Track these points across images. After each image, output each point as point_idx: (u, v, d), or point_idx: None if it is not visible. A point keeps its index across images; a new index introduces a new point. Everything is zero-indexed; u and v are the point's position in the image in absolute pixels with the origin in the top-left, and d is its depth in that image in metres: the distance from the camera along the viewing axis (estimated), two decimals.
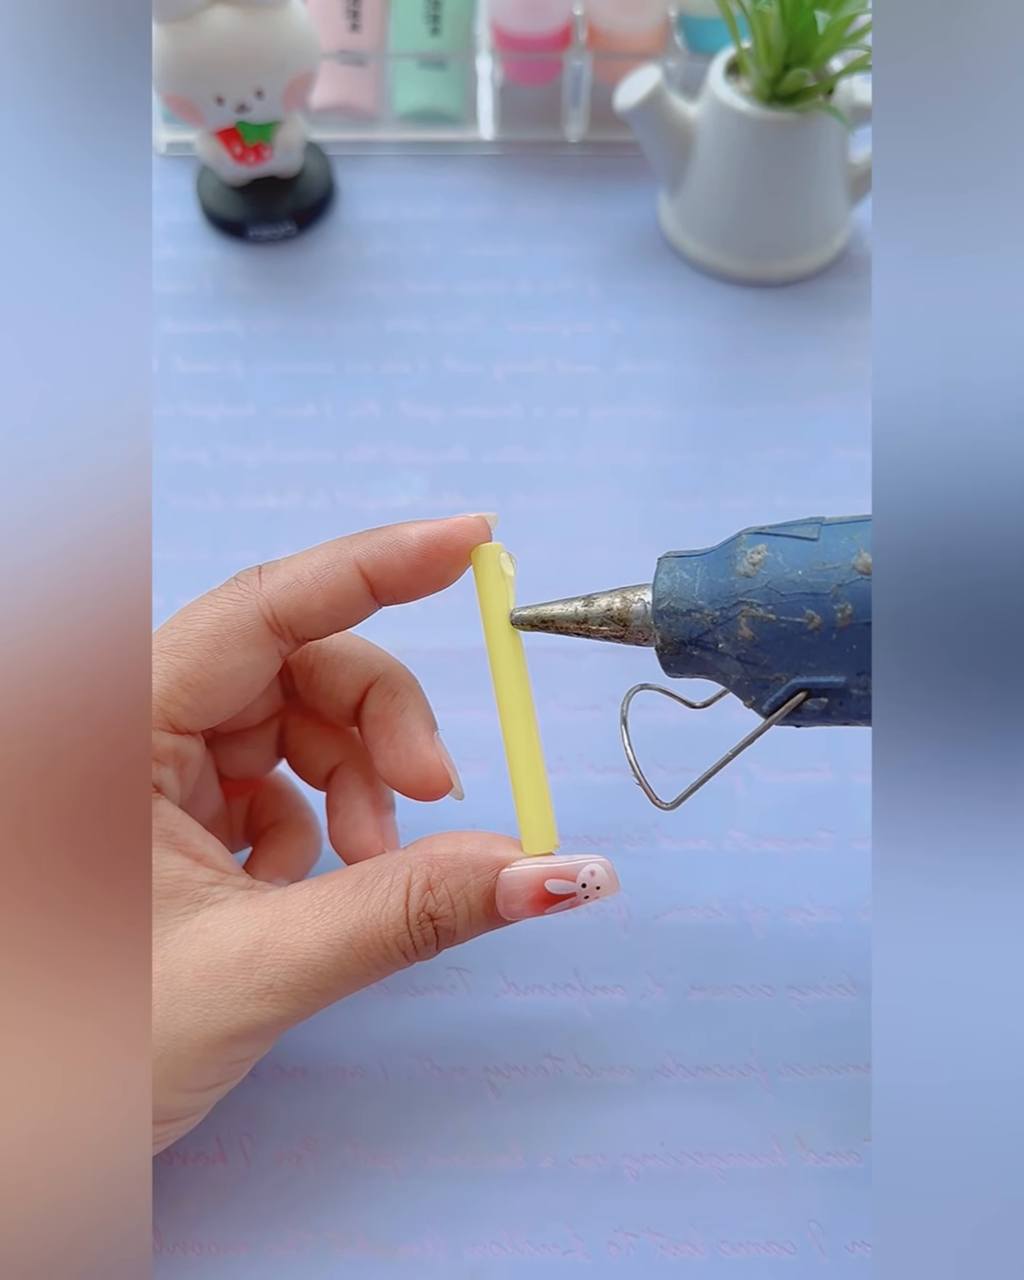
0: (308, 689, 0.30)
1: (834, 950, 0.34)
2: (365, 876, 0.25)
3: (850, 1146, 0.31)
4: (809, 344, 0.47)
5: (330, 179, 0.51)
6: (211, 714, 0.27)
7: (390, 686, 0.29)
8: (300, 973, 0.24)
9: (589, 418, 0.45)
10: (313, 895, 0.25)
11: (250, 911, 0.25)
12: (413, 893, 0.25)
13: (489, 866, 0.25)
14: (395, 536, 0.26)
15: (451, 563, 0.26)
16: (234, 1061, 0.25)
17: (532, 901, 0.25)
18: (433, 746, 0.28)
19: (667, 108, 0.45)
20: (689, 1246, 0.30)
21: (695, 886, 0.35)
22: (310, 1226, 0.30)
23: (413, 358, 0.47)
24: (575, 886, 0.25)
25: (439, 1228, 0.30)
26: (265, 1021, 0.24)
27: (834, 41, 0.42)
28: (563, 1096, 0.32)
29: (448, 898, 0.25)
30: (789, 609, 0.23)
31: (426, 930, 0.25)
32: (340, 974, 0.24)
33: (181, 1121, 0.26)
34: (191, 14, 0.42)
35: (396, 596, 0.27)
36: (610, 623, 0.25)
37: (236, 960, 0.24)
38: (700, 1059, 0.32)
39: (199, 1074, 0.25)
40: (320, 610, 0.26)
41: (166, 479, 0.43)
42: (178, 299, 0.48)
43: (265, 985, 0.24)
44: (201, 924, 0.25)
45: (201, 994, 0.24)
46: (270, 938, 0.24)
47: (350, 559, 0.26)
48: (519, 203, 0.51)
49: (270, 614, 0.26)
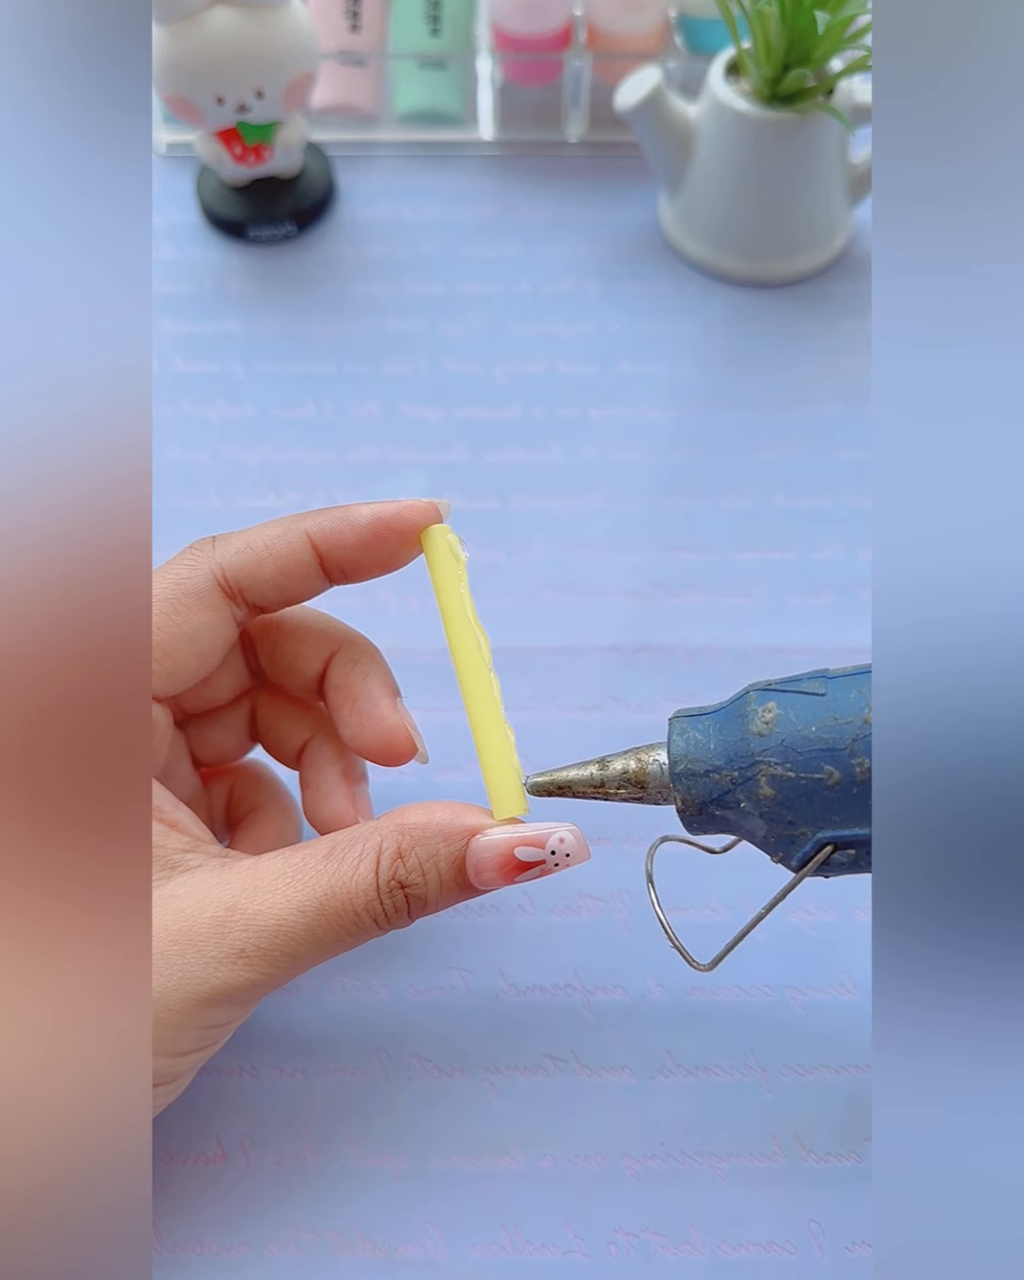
0: (272, 664, 0.30)
1: (834, 950, 0.34)
2: (337, 844, 0.25)
3: (850, 1147, 0.31)
4: (809, 345, 0.47)
5: (330, 179, 0.51)
6: (174, 676, 0.27)
7: (352, 655, 0.29)
8: (272, 937, 0.24)
9: (589, 418, 0.45)
10: (284, 863, 0.25)
11: (222, 878, 0.25)
12: (383, 860, 0.25)
13: (459, 835, 0.25)
14: (347, 513, 0.27)
15: (400, 542, 0.27)
16: (209, 1026, 0.25)
17: (501, 870, 0.25)
18: (395, 711, 0.28)
19: (667, 108, 0.45)
20: (689, 1246, 0.30)
21: (695, 886, 0.35)
22: (311, 1226, 0.30)
23: (413, 358, 0.47)
24: (545, 854, 0.25)
25: (439, 1228, 0.30)
26: (238, 985, 0.24)
27: (834, 42, 0.42)
28: (563, 1097, 0.32)
29: (418, 866, 0.25)
30: (807, 766, 0.24)
31: (397, 898, 0.25)
32: (312, 940, 0.25)
33: (162, 1088, 0.26)
34: (192, 14, 0.42)
35: (347, 573, 0.28)
36: (628, 785, 0.26)
37: (208, 924, 0.24)
38: (700, 1059, 0.32)
39: (176, 1038, 0.25)
40: (270, 577, 0.27)
41: (166, 479, 0.43)
42: (178, 299, 0.48)
43: (237, 949, 0.24)
44: (174, 890, 0.25)
45: (174, 958, 0.24)
46: (241, 903, 0.25)
47: (301, 530, 0.27)
48: (519, 203, 0.51)
49: (222, 577, 0.27)
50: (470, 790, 0.29)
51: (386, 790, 0.35)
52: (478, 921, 0.34)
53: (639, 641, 0.39)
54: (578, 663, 0.39)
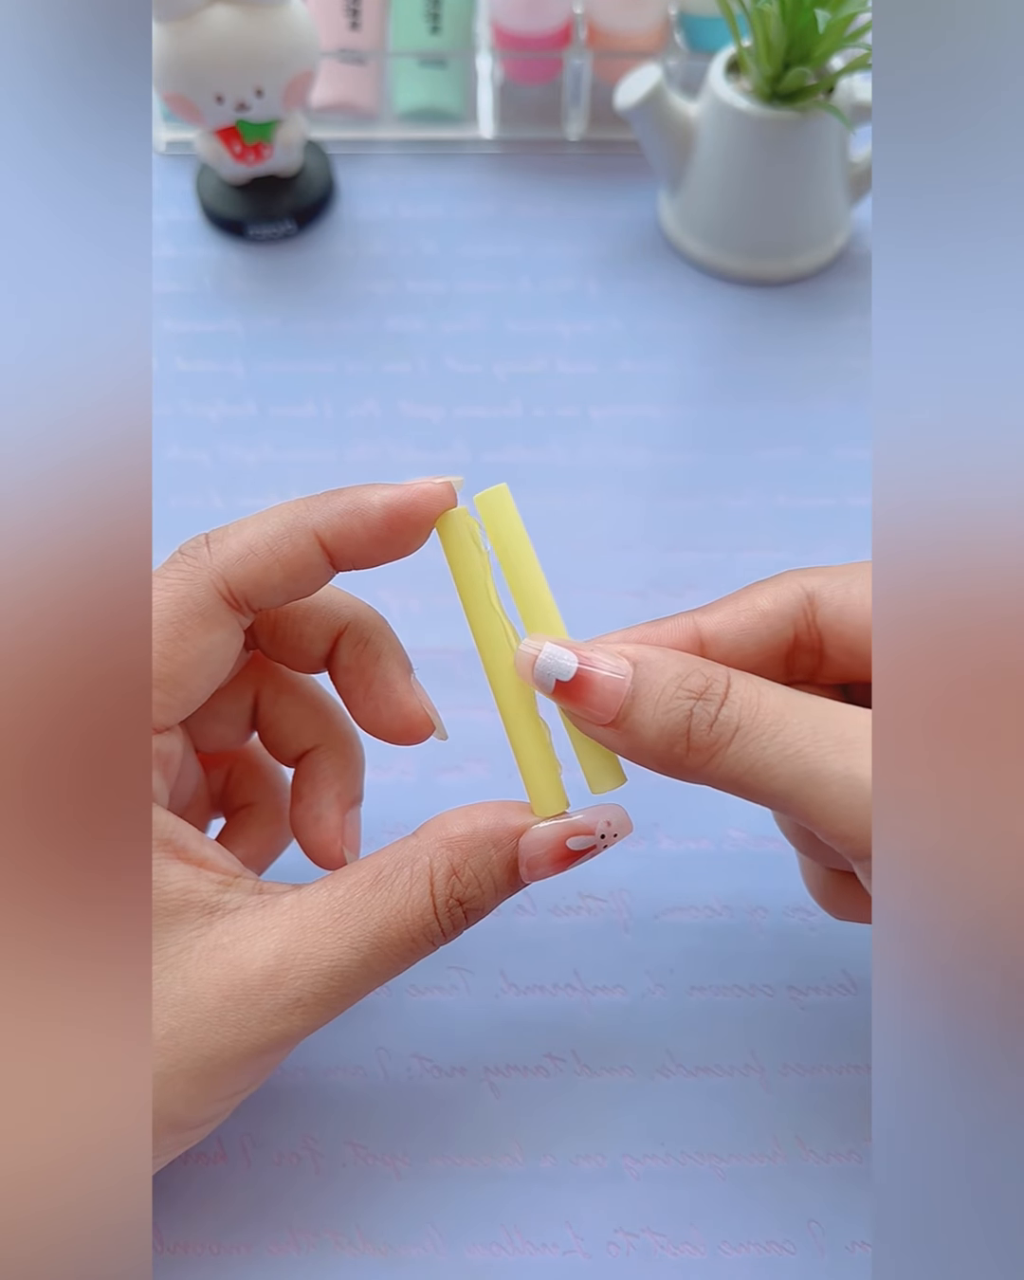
0: (272, 644, 0.28)
1: (834, 950, 0.34)
2: (382, 871, 0.24)
3: (850, 1146, 0.31)
4: (809, 343, 0.47)
5: (330, 178, 0.51)
6: (186, 704, 0.25)
7: (361, 634, 0.27)
8: (328, 981, 0.24)
9: (589, 417, 0.45)
10: (330, 898, 0.24)
11: (268, 922, 0.24)
12: (437, 881, 0.24)
13: (508, 838, 0.24)
14: (357, 504, 0.25)
15: (416, 532, 0.25)
16: (264, 1069, 0.25)
17: (554, 862, 0.24)
18: (412, 693, 0.27)
19: (667, 106, 0.45)
20: (689, 1246, 0.30)
21: (695, 886, 0.35)
22: (310, 1226, 0.30)
23: (413, 357, 0.47)
24: (595, 839, 0.24)
25: (439, 1227, 0.30)
26: (294, 1034, 0.24)
27: (834, 40, 0.42)
28: (563, 1096, 0.32)
29: (474, 879, 0.24)
30: None
31: (457, 914, 0.24)
32: (367, 975, 0.24)
33: (213, 1123, 0.26)
34: (191, 13, 0.42)
35: (356, 564, 0.26)
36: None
37: (261, 977, 0.23)
38: (700, 1059, 0.32)
39: (234, 1083, 0.24)
40: (279, 583, 0.25)
41: (166, 478, 0.43)
42: (177, 298, 0.48)
43: (293, 1000, 0.23)
44: (217, 939, 0.24)
45: (229, 1014, 0.23)
46: (292, 949, 0.24)
47: (308, 528, 0.25)
48: (519, 201, 0.51)
49: (225, 589, 0.25)
50: (472, 791, 0.29)
51: (387, 793, 0.35)
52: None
53: None
54: None
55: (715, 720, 0.23)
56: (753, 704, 0.23)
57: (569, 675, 0.24)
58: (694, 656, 0.24)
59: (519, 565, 0.25)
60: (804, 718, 0.22)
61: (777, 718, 0.22)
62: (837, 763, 0.22)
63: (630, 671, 0.24)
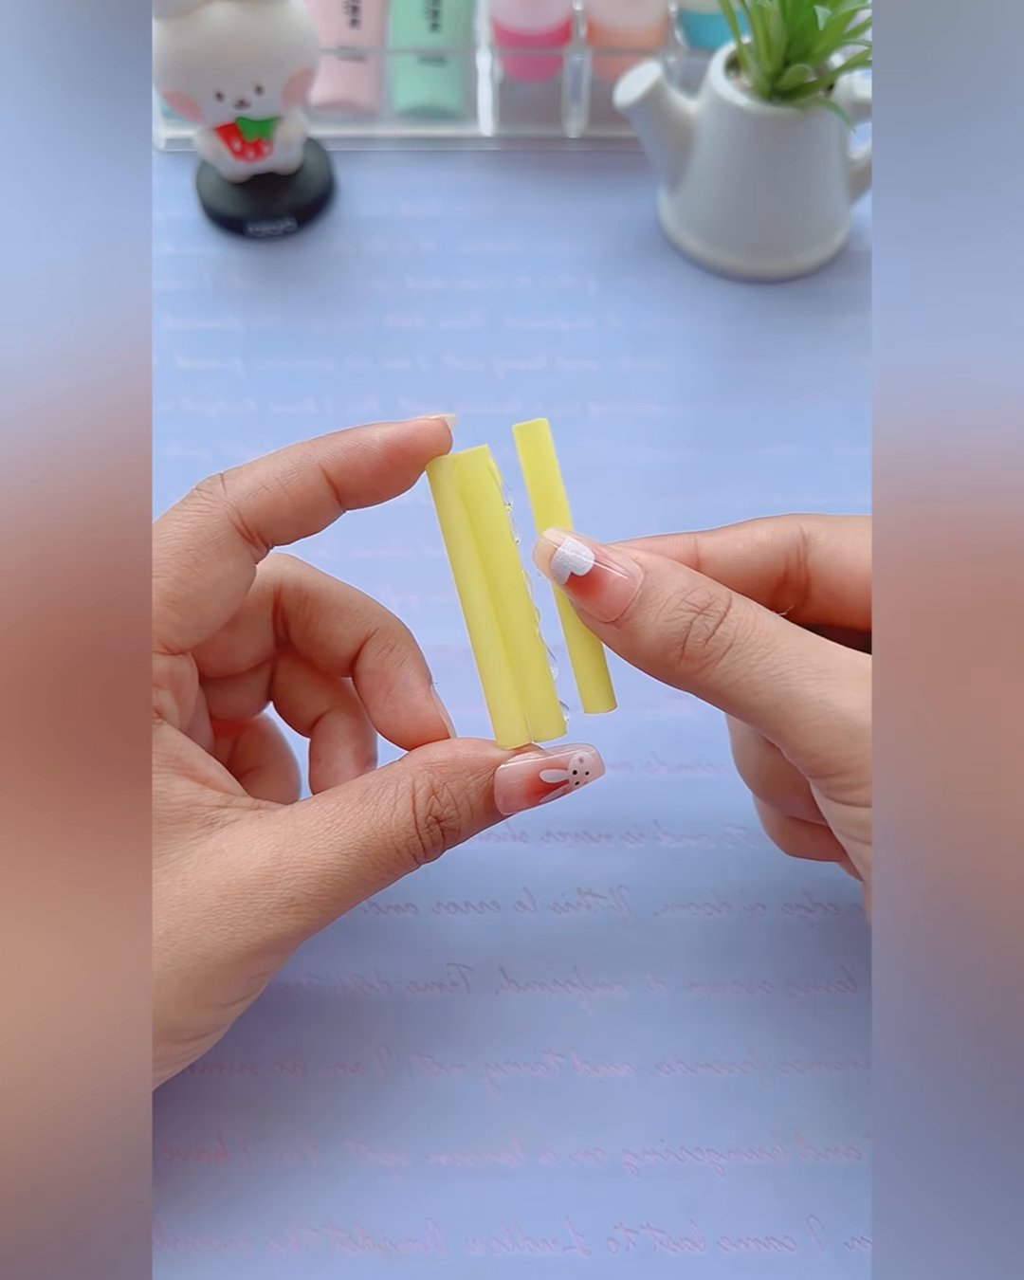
0: (303, 639, 0.30)
1: (833, 947, 0.34)
2: (369, 788, 0.26)
3: (850, 1142, 0.31)
4: (809, 340, 0.47)
5: (330, 175, 0.51)
6: (200, 628, 0.27)
7: (387, 640, 0.29)
8: (320, 883, 0.25)
9: (589, 414, 0.45)
10: (321, 810, 0.26)
11: (263, 830, 0.26)
12: (419, 798, 0.26)
13: (485, 766, 0.26)
14: (359, 440, 0.26)
15: (414, 466, 0.27)
16: (256, 975, 0.26)
17: (528, 794, 0.26)
18: (431, 700, 0.28)
19: (666, 104, 0.45)
20: (689, 1242, 0.30)
21: (695, 883, 0.35)
22: (311, 1223, 0.30)
23: (413, 354, 0.47)
24: (567, 774, 0.26)
25: (439, 1224, 0.30)
26: (288, 934, 0.25)
27: (834, 37, 0.42)
28: (563, 1093, 0.32)
29: (452, 800, 0.26)
30: None
31: (434, 832, 0.26)
32: (357, 881, 0.25)
33: (208, 1037, 0.27)
34: (191, 10, 0.42)
35: (361, 500, 0.27)
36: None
37: (257, 877, 0.25)
38: (700, 1055, 0.32)
39: (228, 990, 0.25)
40: (288, 516, 0.27)
41: (166, 476, 0.43)
42: (177, 295, 0.48)
43: (287, 899, 0.25)
44: (217, 845, 0.25)
45: (225, 913, 0.25)
46: (286, 853, 0.25)
47: (315, 463, 0.26)
48: (519, 199, 0.51)
49: (239, 521, 0.26)
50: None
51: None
52: (478, 918, 0.34)
53: None
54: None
55: (712, 635, 0.24)
56: (748, 625, 0.25)
57: (584, 570, 0.25)
58: (701, 575, 0.26)
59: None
60: (792, 644, 0.24)
61: (767, 641, 0.24)
62: (813, 688, 0.24)
63: (641, 576, 0.25)
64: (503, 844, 0.35)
